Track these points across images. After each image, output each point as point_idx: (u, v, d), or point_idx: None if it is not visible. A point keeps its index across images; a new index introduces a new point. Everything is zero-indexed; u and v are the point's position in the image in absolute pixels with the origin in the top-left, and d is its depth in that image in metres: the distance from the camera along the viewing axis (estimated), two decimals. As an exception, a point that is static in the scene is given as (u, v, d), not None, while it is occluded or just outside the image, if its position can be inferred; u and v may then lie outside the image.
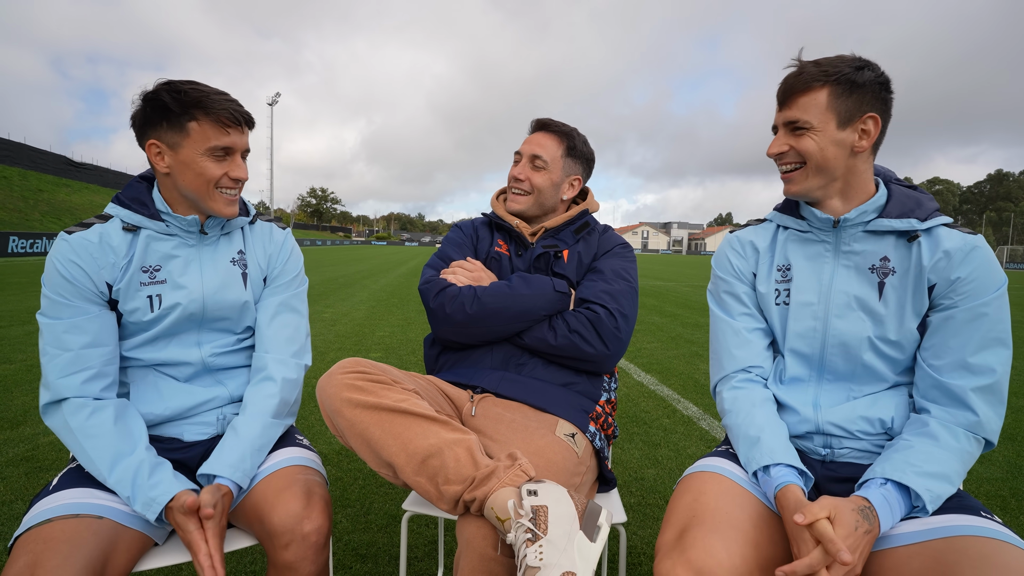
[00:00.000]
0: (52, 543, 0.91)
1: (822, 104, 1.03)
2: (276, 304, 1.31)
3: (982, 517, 0.93)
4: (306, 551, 1.04)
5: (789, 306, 1.16)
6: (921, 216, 1.07)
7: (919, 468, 0.95)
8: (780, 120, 1.10)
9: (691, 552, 0.87)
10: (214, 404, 1.25)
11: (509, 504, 0.97)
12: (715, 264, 1.29)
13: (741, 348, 1.19)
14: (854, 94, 1.03)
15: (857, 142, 1.05)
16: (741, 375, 1.19)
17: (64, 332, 1.10)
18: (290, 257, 1.37)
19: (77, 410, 1.08)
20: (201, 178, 1.13)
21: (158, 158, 1.13)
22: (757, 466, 1.03)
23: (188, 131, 1.10)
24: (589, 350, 1.38)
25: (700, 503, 0.97)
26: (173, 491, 1.03)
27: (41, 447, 2.61)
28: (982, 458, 2.87)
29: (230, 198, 1.19)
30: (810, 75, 1.04)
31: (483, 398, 1.36)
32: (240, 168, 1.17)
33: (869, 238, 1.10)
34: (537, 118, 1.61)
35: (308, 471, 1.17)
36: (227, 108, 1.11)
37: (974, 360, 1.01)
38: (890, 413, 1.08)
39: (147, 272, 1.18)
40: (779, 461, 1.01)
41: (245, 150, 1.19)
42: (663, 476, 2.54)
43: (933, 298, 1.06)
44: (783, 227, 1.21)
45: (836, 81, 1.02)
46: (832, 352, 1.11)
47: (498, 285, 1.43)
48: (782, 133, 1.10)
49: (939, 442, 0.99)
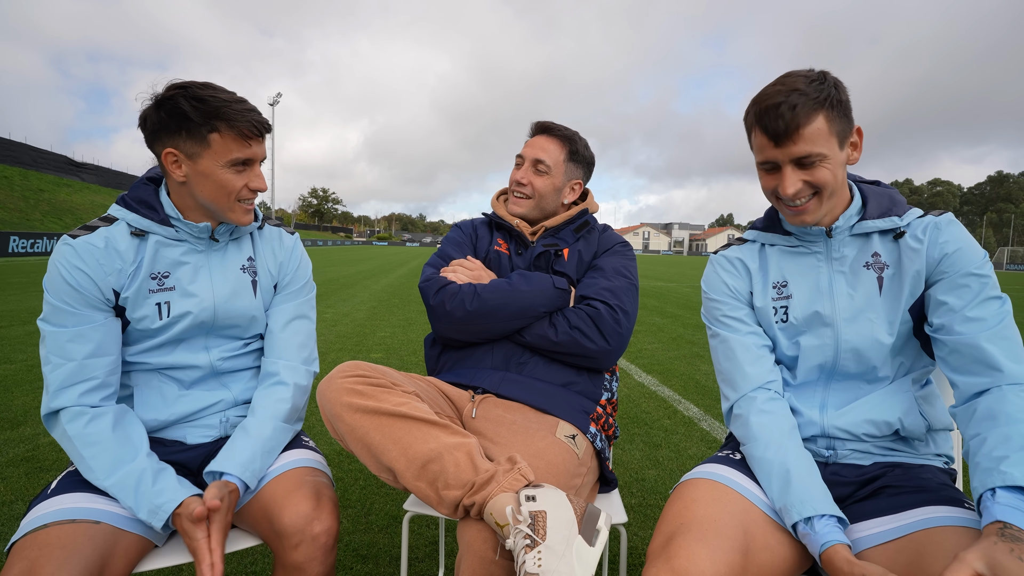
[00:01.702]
0: (47, 549, 0.90)
1: (825, 130, 1.00)
2: (289, 311, 1.31)
3: (965, 509, 0.92)
4: (315, 552, 1.04)
5: (788, 322, 1.15)
6: (899, 212, 1.09)
7: (1010, 458, 0.86)
8: (784, 157, 1.02)
9: (675, 560, 0.87)
10: (218, 408, 1.24)
11: (507, 510, 0.97)
12: (707, 287, 1.25)
13: (754, 364, 1.15)
14: (840, 110, 1.01)
15: (851, 156, 1.06)
16: (762, 394, 1.12)
17: (68, 341, 1.08)
18: (300, 264, 1.36)
19: (75, 418, 1.06)
20: (222, 190, 1.12)
21: (175, 167, 1.10)
22: (799, 517, 0.96)
23: (209, 142, 1.07)
24: (590, 346, 1.38)
25: (690, 510, 0.97)
26: (179, 498, 1.02)
27: (41, 447, 2.61)
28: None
29: (248, 207, 1.18)
30: (804, 103, 0.98)
31: (484, 399, 1.36)
32: (260, 179, 1.16)
33: (856, 240, 1.12)
34: (538, 121, 1.61)
35: (316, 473, 1.18)
36: (248, 119, 1.09)
37: (974, 312, 1.00)
38: (896, 414, 1.08)
39: (156, 279, 1.15)
40: (822, 512, 0.94)
41: (263, 159, 1.17)
42: (664, 477, 2.54)
43: (927, 278, 1.06)
44: (769, 244, 1.21)
45: (829, 105, 1.00)
46: (845, 357, 1.11)
47: (498, 282, 1.44)
48: (791, 171, 1.03)
49: (999, 419, 0.91)
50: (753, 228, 1.25)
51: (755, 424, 1.09)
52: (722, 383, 1.20)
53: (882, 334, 1.09)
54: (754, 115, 1.03)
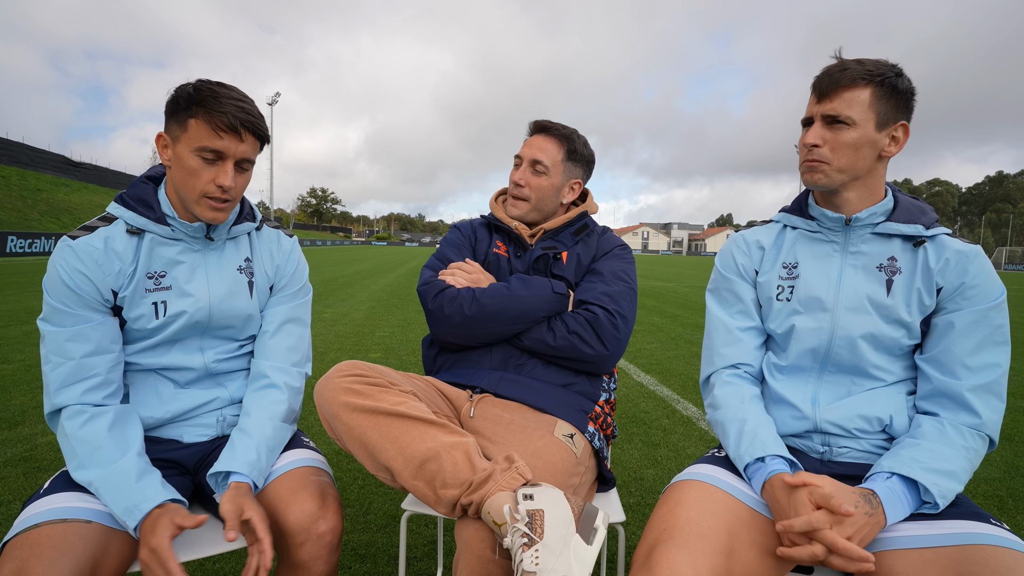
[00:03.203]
0: (38, 549, 0.90)
1: (865, 102, 1.04)
2: (283, 313, 1.31)
3: (993, 525, 0.93)
4: (320, 550, 1.04)
5: (791, 302, 1.17)
6: (926, 223, 1.11)
7: (925, 464, 0.96)
8: (818, 111, 1.08)
9: (656, 570, 0.88)
10: (214, 406, 1.24)
11: (505, 509, 0.97)
12: (719, 262, 1.31)
13: (732, 346, 1.23)
14: (893, 98, 1.05)
15: (887, 147, 1.08)
16: (730, 371, 1.22)
17: (67, 340, 1.08)
18: (297, 267, 1.36)
19: (74, 416, 1.06)
20: (188, 177, 1.09)
21: (164, 149, 1.12)
22: (750, 458, 1.04)
23: (187, 126, 1.08)
24: (588, 351, 1.38)
25: (673, 515, 0.98)
26: (159, 499, 0.99)
27: (39, 447, 2.61)
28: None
29: (215, 205, 1.12)
30: (856, 72, 1.04)
31: (482, 398, 1.36)
32: (225, 176, 1.09)
33: (876, 240, 1.13)
34: (536, 120, 1.60)
35: (319, 472, 1.18)
36: (228, 111, 1.06)
37: (973, 361, 1.03)
38: (888, 411, 1.09)
39: (152, 278, 1.15)
40: (771, 452, 1.03)
41: (242, 159, 1.11)
42: (662, 476, 2.54)
43: (939, 301, 1.08)
44: (791, 227, 1.23)
45: (880, 83, 1.04)
46: (839, 346, 1.12)
47: (496, 287, 1.43)
48: (819, 125, 1.08)
49: (945, 440, 1.00)
50: (783, 210, 1.27)
51: (719, 395, 1.19)
52: (702, 358, 1.30)
53: (880, 332, 1.10)
54: (815, 77, 1.10)
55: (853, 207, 1.12)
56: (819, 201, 1.18)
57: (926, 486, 0.94)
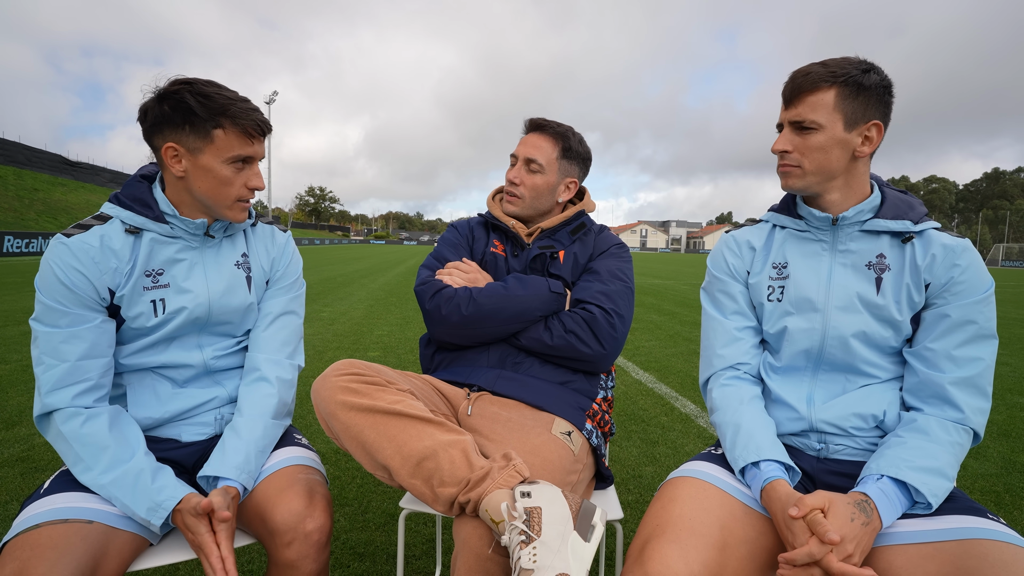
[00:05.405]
0: (39, 550, 0.90)
1: (829, 104, 1.05)
2: (277, 306, 1.32)
3: (990, 520, 0.94)
4: (308, 549, 1.04)
5: (782, 303, 1.18)
6: (914, 219, 1.11)
7: (913, 463, 0.97)
8: (786, 118, 1.10)
9: (648, 565, 0.88)
10: (212, 405, 1.24)
11: (503, 506, 0.97)
12: (711, 263, 1.31)
13: (729, 346, 1.22)
14: (860, 96, 1.04)
15: (859, 147, 1.07)
16: (729, 372, 1.21)
17: (62, 342, 1.07)
18: (291, 261, 1.37)
19: (70, 418, 1.06)
20: (220, 185, 1.13)
21: (174, 161, 1.10)
22: (744, 462, 1.04)
23: (212, 138, 1.08)
24: (585, 350, 1.38)
25: (667, 511, 0.98)
26: (179, 495, 1.02)
27: (37, 448, 2.60)
28: (976, 454, 2.88)
29: (245, 205, 1.19)
30: (818, 75, 1.05)
31: (479, 396, 1.36)
32: (258, 178, 1.18)
33: (865, 237, 1.13)
34: (531, 118, 1.59)
35: (309, 470, 1.18)
36: (252, 118, 1.11)
37: (959, 353, 1.04)
38: (882, 407, 1.09)
39: (150, 276, 1.15)
40: (767, 457, 1.03)
41: (261, 158, 1.19)
42: (661, 473, 2.54)
43: (928, 296, 1.08)
44: (780, 226, 1.23)
45: (844, 82, 1.04)
46: (831, 346, 1.13)
47: (494, 286, 1.43)
48: (788, 131, 1.11)
49: (930, 436, 1.01)
50: (771, 209, 1.27)
51: (717, 397, 1.19)
52: (701, 360, 1.30)
53: (872, 330, 1.10)
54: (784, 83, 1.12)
55: (839, 207, 1.13)
56: (806, 201, 1.18)
57: (916, 487, 0.94)
